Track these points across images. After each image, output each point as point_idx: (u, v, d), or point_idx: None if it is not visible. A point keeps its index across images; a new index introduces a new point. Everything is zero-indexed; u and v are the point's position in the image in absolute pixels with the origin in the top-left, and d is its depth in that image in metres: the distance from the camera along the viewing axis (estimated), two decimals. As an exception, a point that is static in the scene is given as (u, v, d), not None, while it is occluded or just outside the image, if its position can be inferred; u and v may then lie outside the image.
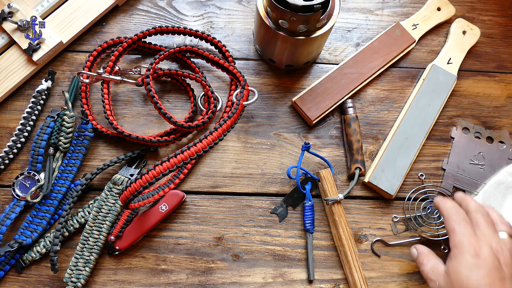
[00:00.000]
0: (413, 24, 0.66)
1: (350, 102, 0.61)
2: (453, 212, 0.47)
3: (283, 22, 0.53)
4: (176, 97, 0.62)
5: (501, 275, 0.42)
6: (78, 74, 0.57)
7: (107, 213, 0.54)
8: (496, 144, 0.62)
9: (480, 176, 0.60)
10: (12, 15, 0.59)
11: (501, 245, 0.44)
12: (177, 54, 0.61)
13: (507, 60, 0.67)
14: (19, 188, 0.55)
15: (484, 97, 0.65)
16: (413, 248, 0.51)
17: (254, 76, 0.63)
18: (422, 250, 0.50)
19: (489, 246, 0.43)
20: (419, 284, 0.56)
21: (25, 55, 0.59)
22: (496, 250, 0.43)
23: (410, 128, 0.60)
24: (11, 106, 0.59)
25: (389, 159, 0.59)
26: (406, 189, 0.60)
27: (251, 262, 0.55)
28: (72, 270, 0.52)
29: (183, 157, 0.46)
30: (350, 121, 0.58)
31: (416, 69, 0.66)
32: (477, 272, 0.42)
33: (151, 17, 0.65)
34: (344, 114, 0.60)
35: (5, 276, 0.53)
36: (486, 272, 0.41)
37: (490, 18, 0.69)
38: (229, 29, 0.66)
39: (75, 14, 0.62)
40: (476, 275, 0.41)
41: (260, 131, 0.61)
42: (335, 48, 0.66)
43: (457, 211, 0.47)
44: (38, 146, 0.55)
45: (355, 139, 0.57)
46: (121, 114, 0.60)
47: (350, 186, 0.56)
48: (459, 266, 0.43)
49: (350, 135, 0.58)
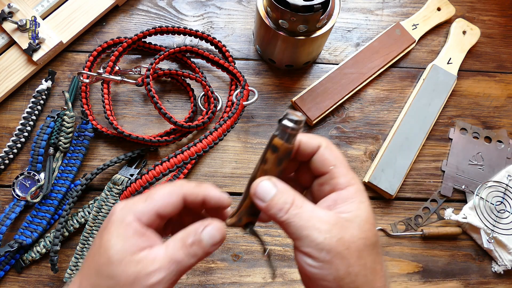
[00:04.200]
0: (413, 24, 0.66)
1: (293, 117, 0.30)
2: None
3: (283, 22, 0.53)
4: (176, 97, 0.62)
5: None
6: (78, 74, 0.57)
7: (107, 213, 0.54)
8: (495, 143, 0.62)
9: (479, 176, 0.60)
10: (12, 15, 0.59)
11: None
12: (177, 54, 0.61)
13: (507, 60, 0.67)
14: (19, 188, 0.55)
15: (484, 97, 0.65)
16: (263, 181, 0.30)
17: (254, 76, 0.63)
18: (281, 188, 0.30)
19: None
20: (419, 284, 0.56)
21: (25, 55, 0.59)
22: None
23: (410, 128, 0.60)
24: (11, 106, 0.59)
25: (389, 159, 0.59)
26: (406, 189, 0.60)
27: (251, 262, 0.55)
28: (72, 270, 0.52)
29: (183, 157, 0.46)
30: (284, 156, 0.31)
31: (416, 69, 0.66)
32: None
33: (151, 17, 0.65)
34: (284, 139, 0.30)
35: (5, 276, 0.53)
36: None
37: (490, 18, 0.69)
38: (229, 29, 0.66)
39: (75, 14, 0.62)
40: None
41: (260, 131, 0.61)
42: (335, 48, 0.66)
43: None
44: (38, 146, 0.55)
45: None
46: (121, 114, 0.60)
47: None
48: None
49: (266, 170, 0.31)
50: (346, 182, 0.30)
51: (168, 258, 0.28)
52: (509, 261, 0.56)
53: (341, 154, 0.32)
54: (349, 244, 0.28)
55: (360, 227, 0.28)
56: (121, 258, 0.27)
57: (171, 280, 0.28)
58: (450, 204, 0.60)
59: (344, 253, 0.27)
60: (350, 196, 0.30)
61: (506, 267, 0.56)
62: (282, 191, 0.29)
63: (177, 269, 0.28)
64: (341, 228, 0.28)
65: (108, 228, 0.28)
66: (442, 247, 0.58)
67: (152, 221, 0.29)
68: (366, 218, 0.29)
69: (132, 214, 0.28)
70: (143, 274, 0.27)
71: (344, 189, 0.30)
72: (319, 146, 0.31)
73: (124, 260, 0.27)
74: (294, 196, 0.29)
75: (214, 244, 0.29)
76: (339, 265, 0.27)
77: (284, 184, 0.30)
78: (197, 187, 0.31)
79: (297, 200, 0.29)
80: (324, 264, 0.27)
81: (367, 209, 0.30)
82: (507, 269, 0.56)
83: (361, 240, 0.28)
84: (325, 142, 0.32)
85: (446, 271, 0.57)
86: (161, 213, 0.29)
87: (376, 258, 0.29)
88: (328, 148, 0.31)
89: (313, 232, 0.27)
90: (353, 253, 0.28)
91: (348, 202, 0.30)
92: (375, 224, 0.30)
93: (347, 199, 0.30)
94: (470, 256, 0.58)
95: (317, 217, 0.28)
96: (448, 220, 0.58)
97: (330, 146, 0.32)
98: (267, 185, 0.29)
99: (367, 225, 0.29)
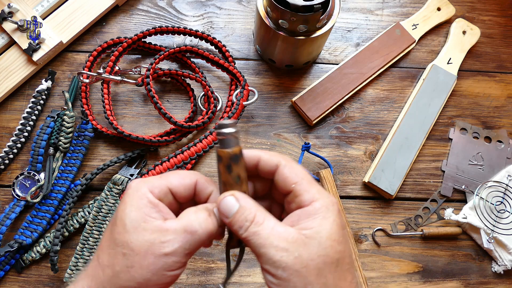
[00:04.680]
0: (413, 24, 0.66)
1: (228, 124, 0.31)
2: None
3: (283, 22, 0.53)
4: (176, 97, 0.62)
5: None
6: (78, 74, 0.57)
7: (107, 213, 0.54)
8: (494, 143, 0.62)
9: (479, 176, 0.60)
10: (12, 15, 0.59)
11: None
12: (177, 54, 0.61)
13: (507, 60, 0.67)
14: (19, 188, 0.55)
15: (484, 97, 0.65)
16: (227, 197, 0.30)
17: (254, 76, 0.63)
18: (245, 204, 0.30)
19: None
20: (419, 284, 0.56)
21: (25, 55, 0.59)
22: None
23: (410, 128, 0.60)
24: (11, 106, 0.59)
25: (389, 159, 0.59)
26: (406, 189, 0.60)
27: (251, 262, 0.55)
28: (72, 270, 0.52)
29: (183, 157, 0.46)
30: (230, 161, 0.30)
31: (416, 69, 0.66)
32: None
33: (151, 17, 0.65)
34: (221, 146, 0.31)
35: (5, 276, 0.53)
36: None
37: (490, 18, 0.69)
38: (229, 29, 0.66)
39: (75, 14, 0.62)
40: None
41: (260, 131, 0.61)
42: (335, 48, 0.66)
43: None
44: (38, 146, 0.55)
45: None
46: (121, 114, 0.60)
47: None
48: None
49: (229, 185, 0.31)
50: (309, 198, 0.29)
51: (183, 228, 0.28)
52: (509, 261, 0.56)
53: (303, 170, 0.31)
54: (307, 262, 0.27)
55: (320, 244, 0.27)
56: (136, 226, 0.28)
57: (186, 251, 0.28)
58: (450, 204, 0.60)
59: (302, 271, 0.27)
60: (314, 212, 0.29)
61: (506, 267, 0.56)
62: (244, 207, 0.29)
63: (192, 240, 0.28)
64: (300, 245, 0.27)
65: (123, 199, 0.30)
66: (442, 247, 0.58)
67: (164, 195, 0.30)
68: (328, 234, 0.28)
69: (146, 186, 0.30)
70: (157, 242, 0.27)
71: (308, 205, 0.29)
72: (278, 165, 0.31)
73: (138, 228, 0.28)
74: (256, 213, 0.29)
75: (230, 215, 0.29)
76: (297, 283, 0.27)
77: (248, 199, 0.30)
78: (209, 181, 0.32)
79: (258, 216, 0.29)
80: (282, 282, 0.27)
81: (331, 225, 0.28)
82: (507, 269, 0.56)
83: (320, 257, 0.27)
84: (284, 160, 0.31)
85: (446, 271, 0.57)
86: (173, 190, 0.30)
87: (341, 275, 0.28)
88: (288, 166, 0.31)
89: (270, 250, 0.27)
90: (312, 271, 0.27)
91: (310, 218, 0.29)
92: (341, 239, 0.29)
93: (310, 215, 0.29)
94: (470, 256, 0.58)
95: (276, 234, 0.28)
96: (448, 220, 0.58)
97: (290, 164, 0.31)
98: (230, 201, 0.30)
99: (329, 242, 0.28)
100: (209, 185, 0.32)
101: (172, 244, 0.28)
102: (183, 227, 0.28)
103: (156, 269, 0.28)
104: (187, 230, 0.28)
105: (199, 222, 0.29)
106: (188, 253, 0.29)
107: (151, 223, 0.28)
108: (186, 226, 0.28)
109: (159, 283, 0.28)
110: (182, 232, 0.28)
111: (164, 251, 0.27)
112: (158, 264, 0.28)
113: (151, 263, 0.27)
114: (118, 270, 0.28)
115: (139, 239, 0.28)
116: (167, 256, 0.28)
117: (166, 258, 0.28)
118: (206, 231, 0.29)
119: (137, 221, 0.28)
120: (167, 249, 0.27)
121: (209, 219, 0.29)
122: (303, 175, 0.31)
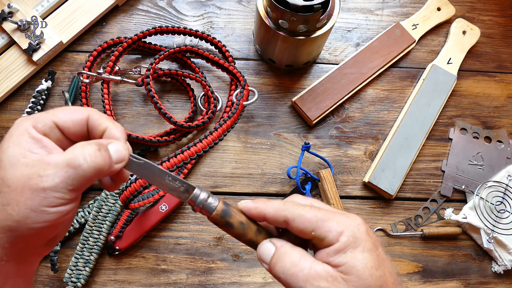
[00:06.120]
0: (413, 24, 0.66)
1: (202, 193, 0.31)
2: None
3: (283, 22, 0.53)
4: (176, 97, 0.62)
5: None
6: (78, 74, 0.57)
7: (107, 213, 0.54)
8: (494, 143, 0.62)
9: (479, 176, 0.60)
10: (12, 15, 0.59)
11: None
12: (177, 54, 0.61)
13: (507, 60, 0.67)
14: (19, 188, 0.55)
15: (484, 97, 0.65)
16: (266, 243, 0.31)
17: (254, 76, 0.63)
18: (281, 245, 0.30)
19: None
20: (419, 284, 0.56)
21: (25, 55, 0.59)
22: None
23: (410, 128, 0.60)
24: (11, 106, 0.59)
25: (389, 159, 0.59)
26: (406, 189, 0.60)
27: (251, 262, 0.55)
28: (72, 270, 0.52)
29: (183, 157, 0.46)
30: (224, 215, 0.31)
31: (416, 69, 0.66)
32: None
33: (151, 17, 0.65)
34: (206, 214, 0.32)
35: (5, 276, 0.53)
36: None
37: (490, 18, 0.69)
38: (229, 29, 0.66)
39: (75, 14, 0.62)
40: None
41: (260, 131, 0.61)
42: (335, 48, 0.66)
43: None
44: (38, 146, 0.55)
45: (251, 235, 0.31)
46: (121, 114, 0.60)
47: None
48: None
49: (242, 236, 0.31)
50: (335, 236, 0.29)
51: (66, 162, 0.26)
52: (509, 261, 0.56)
53: (313, 211, 0.30)
54: None
55: (359, 278, 0.27)
56: (13, 162, 0.26)
57: (69, 186, 0.26)
58: (450, 204, 0.60)
59: None
60: (343, 247, 0.28)
61: (506, 267, 0.56)
62: (280, 250, 0.29)
63: (75, 174, 0.26)
64: (341, 283, 0.27)
65: (5, 136, 0.28)
66: (442, 247, 0.58)
67: (50, 130, 0.28)
68: (363, 264, 0.28)
69: (29, 121, 0.28)
70: (35, 177, 0.26)
71: (337, 242, 0.29)
72: (286, 221, 0.30)
73: (15, 164, 0.26)
74: (292, 254, 0.29)
75: (118, 159, 0.28)
76: None
77: (282, 242, 0.30)
78: (104, 116, 0.30)
79: (294, 257, 0.29)
80: None
81: (362, 253, 0.28)
82: (507, 269, 0.56)
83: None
84: (289, 213, 0.30)
85: (446, 271, 0.57)
86: (60, 125, 0.29)
87: None
88: (296, 218, 0.29)
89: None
90: None
91: (341, 253, 0.28)
92: (377, 264, 0.28)
93: (339, 251, 0.28)
94: (470, 256, 0.58)
95: (315, 274, 0.28)
96: (448, 220, 0.58)
97: (298, 214, 0.30)
98: (267, 246, 0.30)
99: (367, 271, 0.28)
100: (103, 121, 0.30)
101: (52, 178, 0.26)
102: (66, 161, 0.26)
103: (34, 205, 0.26)
104: (70, 164, 0.26)
105: (84, 156, 0.27)
106: (72, 189, 0.27)
107: (31, 157, 0.26)
108: (69, 159, 0.26)
109: (41, 220, 0.26)
110: (65, 166, 0.26)
111: (43, 185, 0.26)
112: (36, 200, 0.26)
113: (28, 198, 0.25)
114: None
115: (16, 175, 0.26)
116: (45, 191, 0.26)
117: (45, 193, 0.26)
118: (93, 166, 0.27)
119: (15, 156, 0.26)
120: (46, 183, 0.26)
121: (97, 153, 0.27)
122: (315, 217, 0.29)
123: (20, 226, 0.26)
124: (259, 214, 0.31)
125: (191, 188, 0.31)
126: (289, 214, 0.30)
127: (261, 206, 0.31)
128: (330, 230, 0.29)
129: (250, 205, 0.31)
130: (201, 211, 0.31)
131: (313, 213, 0.30)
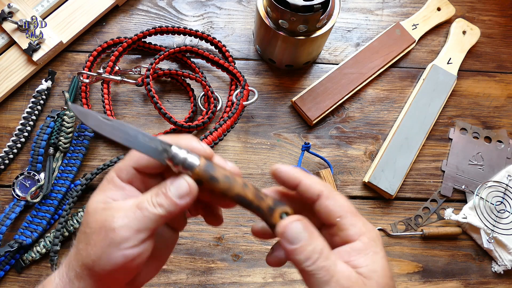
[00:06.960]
0: (413, 24, 0.66)
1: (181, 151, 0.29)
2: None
3: (283, 22, 0.53)
4: (176, 97, 0.62)
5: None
6: (78, 74, 0.57)
7: (107, 213, 0.54)
8: (494, 143, 0.62)
9: (479, 176, 0.60)
10: (12, 15, 0.59)
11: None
12: (177, 54, 0.61)
13: (507, 60, 0.67)
14: (19, 188, 0.55)
15: (484, 97, 0.65)
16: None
17: (254, 76, 0.63)
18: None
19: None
20: (419, 284, 0.56)
21: (25, 55, 0.59)
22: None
23: (410, 128, 0.60)
24: (11, 106, 0.59)
25: (389, 159, 0.59)
26: (406, 189, 0.60)
27: (251, 262, 0.55)
28: (72, 270, 0.52)
29: (183, 157, 0.46)
30: (208, 169, 0.29)
31: (416, 69, 0.66)
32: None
33: (151, 17, 0.65)
34: (186, 167, 0.29)
35: (5, 276, 0.53)
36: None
37: (490, 18, 0.69)
38: (229, 29, 0.66)
39: (75, 14, 0.62)
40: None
41: (260, 131, 0.61)
42: (335, 48, 0.66)
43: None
44: (38, 146, 0.55)
45: (238, 188, 0.29)
46: (121, 114, 0.60)
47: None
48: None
49: (228, 190, 0.29)
50: (357, 233, 0.29)
51: (135, 204, 0.28)
52: (509, 261, 0.56)
53: (346, 201, 0.30)
54: None
55: (378, 284, 0.27)
56: (96, 208, 0.29)
57: (138, 227, 0.28)
58: (450, 204, 0.60)
59: None
60: (364, 247, 0.28)
61: (506, 267, 0.56)
62: (312, 237, 0.28)
63: (142, 216, 0.28)
64: (361, 286, 0.27)
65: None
66: (442, 247, 0.58)
67: (131, 176, 0.30)
68: (383, 272, 0.28)
69: (114, 171, 0.30)
70: (110, 218, 0.28)
71: (357, 240, 0.28)
72: (320, 195, 0.29)
73: (97, 208, 0.29)
74: (323, 245, 0.28)
75: (180, 196, 0.28)
76: None
77: (314, 228, 0.29)
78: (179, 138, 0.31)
79: (325, 250, 0.28)
80: None
81: (382, 261, 0.28)
82: (507, 269, 0.56)
83: None
84: (326, 190, 0.30)
85: (446, 271, 0.57)
86: (137, 167, 0.30)
87: None
88: (331, 198, 0.29)
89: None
90: None
91: (362, 254, 0.28)
92: (391, 274, 0.29)
93: (361, 251, 0.28)
94: (470, 256, 0.58)
95: (341, 272, 0.27)
96: (448, 220, 0.58)
97: (333, 195, 0.30)
98: (298, 228, 0.28)
99: (385, 280, 0.28)
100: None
101: (122, 219, 0.28)
102: (136, 204, 0.28)
103: (106, 244, 0.27)
104: (138, 206, 0.28)
105: (148, 198, 0.28)
106: (140, 231, 0.28)
107: (111, 204, 0.29)
108: (139, 203, 0.28)
109: (111, 262, 0.27)
110: (134, 207, 0.28)
111: (113, 225, 0.27)
112: (108, 239, 0.27)
113: (102, 238, 0.27)
114: (80, 247, 0.29)
115: (96, 218, 0.28)
116: (116, 230, 0.27)
117: (115, 233, 0.27)
118: (160, 210, 0.28)
119: (98, 202, 0.29)
120: (116, 224, 0.27)
121: (160, 193, 0.29)
122: (348, 207, 0.30)
123: (95, 265, 0.28)
124: (295, 178, 0.30)
125: (168, 146, 0.29)
126: (325, 191, 0.30)
127: (299, 173, 0.30)
128: (355, 225, 0.29)
129: (290, 169, 0.31)
130: (182, 169, 0.29)
131: (347, 203, 0.30)
